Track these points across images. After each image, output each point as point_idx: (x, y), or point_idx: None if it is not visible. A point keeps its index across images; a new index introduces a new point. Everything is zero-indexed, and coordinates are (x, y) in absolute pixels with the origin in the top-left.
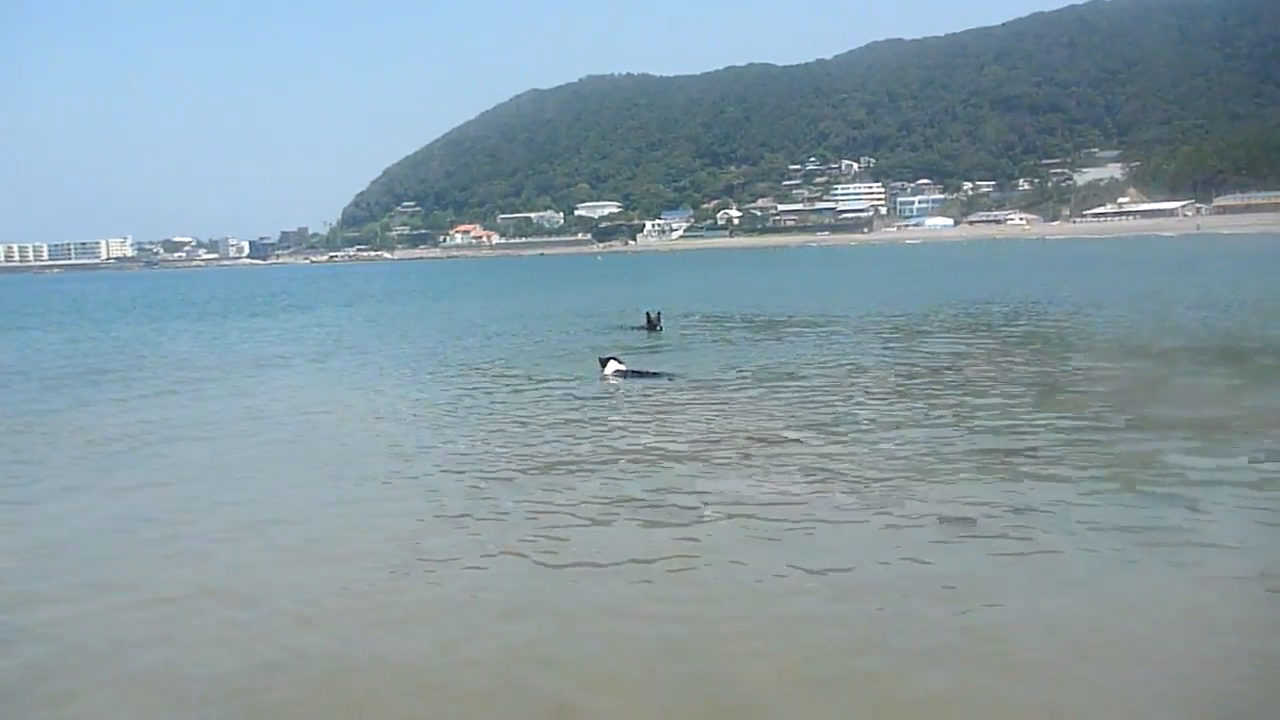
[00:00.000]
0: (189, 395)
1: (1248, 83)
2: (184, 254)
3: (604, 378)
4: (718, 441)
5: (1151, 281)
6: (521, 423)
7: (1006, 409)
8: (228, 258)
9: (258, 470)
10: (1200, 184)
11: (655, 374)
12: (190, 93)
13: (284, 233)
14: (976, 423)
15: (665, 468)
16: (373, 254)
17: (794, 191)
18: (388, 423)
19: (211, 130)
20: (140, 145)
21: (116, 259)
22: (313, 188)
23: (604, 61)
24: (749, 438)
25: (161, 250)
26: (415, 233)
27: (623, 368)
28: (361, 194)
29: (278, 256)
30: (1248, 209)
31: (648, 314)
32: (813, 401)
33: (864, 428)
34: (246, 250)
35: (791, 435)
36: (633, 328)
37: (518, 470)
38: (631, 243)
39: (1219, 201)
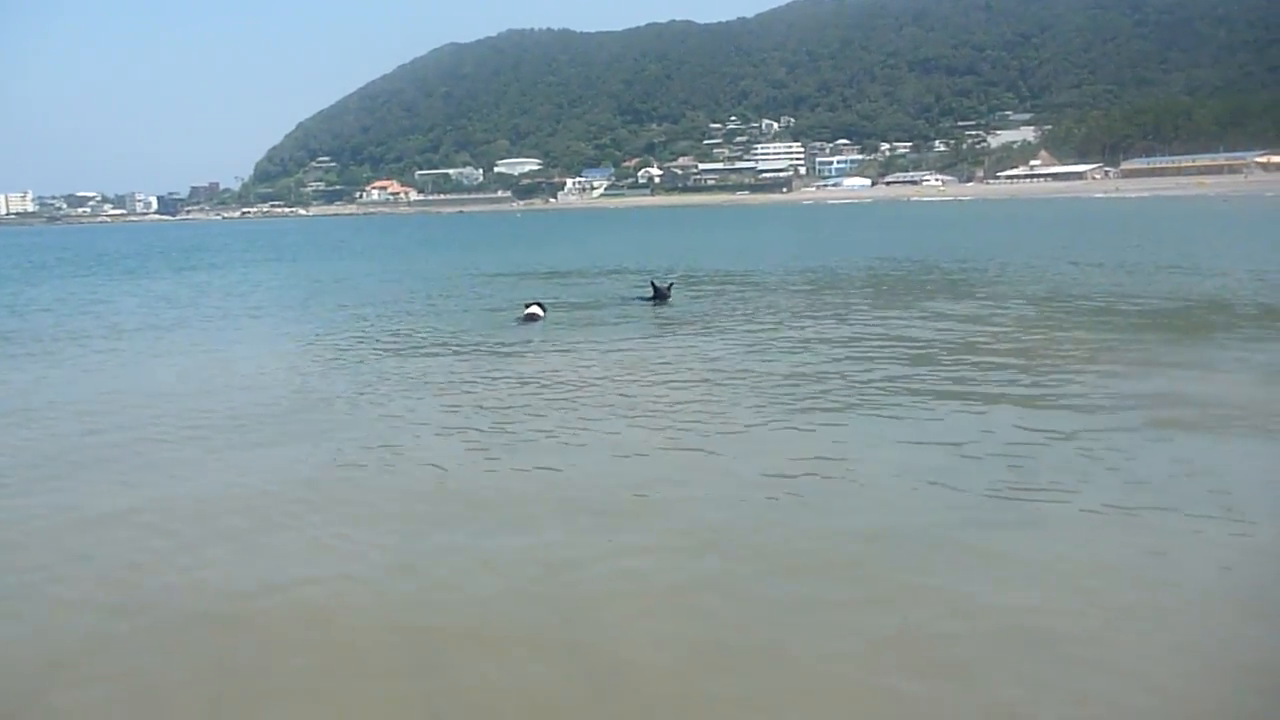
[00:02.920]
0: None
1: (1155, 49)
2: (88, 209)
3: (522, 319)
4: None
5: None
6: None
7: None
8: (135, 213)
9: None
10: (1109, 148)
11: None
12: (94, 39)
13: (194, 188)
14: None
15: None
16: (287, 210)
17: (715, 151)
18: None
19: (117, 79)
20: (40, 95)
21: (16, 214)
22: (223, 141)
23: (524, 16)
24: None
25: (65, 205)
26: (331, 188)
27: (540, 313)
28: (274, 148)
29: (188, 212)
30: (1153, 173)
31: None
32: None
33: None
34: (155, 205)
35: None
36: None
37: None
38: (552, 200)
39: (1126, 165)
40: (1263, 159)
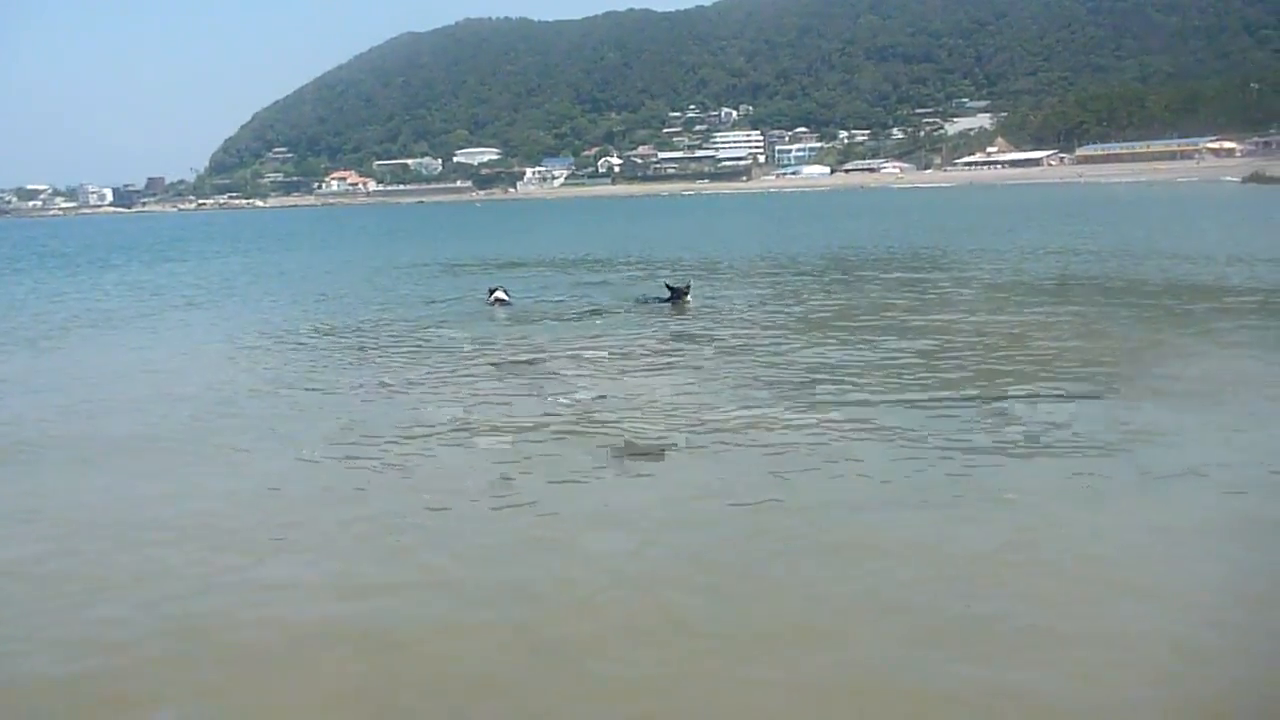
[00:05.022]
0: None
1: (1109, 35)
2: (39, 202)
3: (490, 303)
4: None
5: None
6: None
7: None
8: (88, 205)
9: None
10: (1064, 134)
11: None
12: (42, 28)
13: (149, 179)
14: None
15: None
16: (244, 202)
17: (674, 139)
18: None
19: (67, 70)
20: None
21: None
22: (178, 133)
23: (481, 5)
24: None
25: (14, 199)
26: (289, 180)
27: (506, 298)
28: (231, 139)
29: (143, 205)
30: (1108, 159)
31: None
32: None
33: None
34: (109, 198)
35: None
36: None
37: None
38: (512, 190)
39: (1081, 152)
40: (1214, 145)
